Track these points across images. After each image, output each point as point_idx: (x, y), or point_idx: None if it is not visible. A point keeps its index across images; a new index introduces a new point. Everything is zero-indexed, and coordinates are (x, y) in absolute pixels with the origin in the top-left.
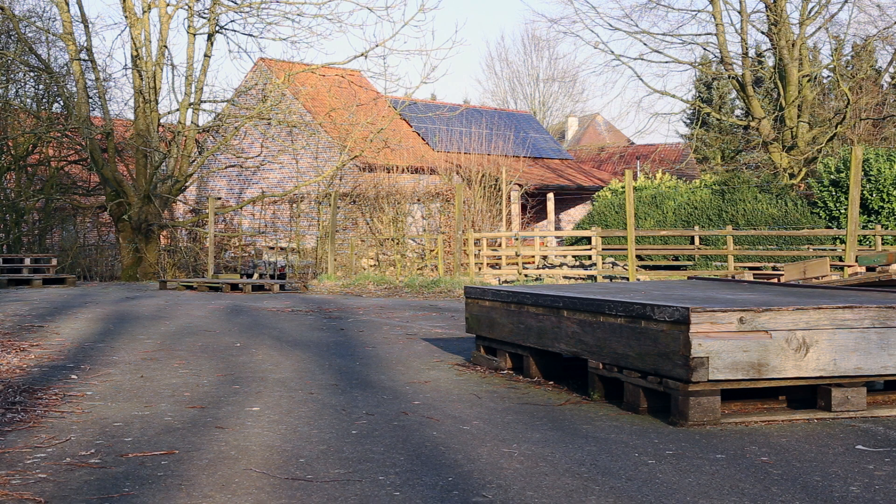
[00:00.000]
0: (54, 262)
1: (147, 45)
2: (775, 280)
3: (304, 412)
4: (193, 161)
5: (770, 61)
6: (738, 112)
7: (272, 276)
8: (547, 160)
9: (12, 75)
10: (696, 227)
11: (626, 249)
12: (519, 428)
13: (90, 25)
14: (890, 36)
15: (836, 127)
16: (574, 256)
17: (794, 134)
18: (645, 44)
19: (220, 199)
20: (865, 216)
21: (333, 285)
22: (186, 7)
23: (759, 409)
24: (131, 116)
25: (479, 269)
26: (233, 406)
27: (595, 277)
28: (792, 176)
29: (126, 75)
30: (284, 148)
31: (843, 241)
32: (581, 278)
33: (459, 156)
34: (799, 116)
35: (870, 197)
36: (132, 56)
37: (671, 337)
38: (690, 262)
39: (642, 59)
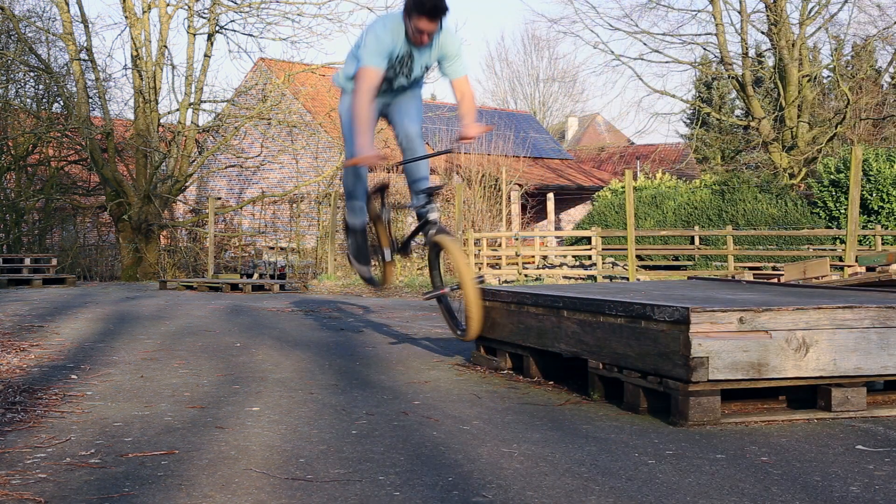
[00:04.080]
0: (54, 262)
1: (147, 46)
2: (775, 280)
3: (304, 412)
4: (193, 161)
5: (770, 61)
6: (738, 112)
7: (272, 276)
8: (547, 160)
9: (12, 75)
10: (696, 227)
11: (626, 249)
12: (519, 428)
13: (90, 25)
14: (890, 36)
15: (836, 127)
16: (574, 256)
17: (794, 134)
18: (645, 44)
19: (220, 199)
20: (865, 216)
21: (333, 285)
22: (186, 7)
23: (759, 409)
24: (131, 116)
25: (479, 269)
26: (233, 406)
27: (595, 277)
28: (792, 176)
29: (126, 75)
30: (284, 148)
31: (843, 241)
32: (581, 278)
33: (459, 156)
34: (799, 116)
35: (869, 197)
36: (132, 56)
37: (671, 337)
38: (690, 262)
39: (642, 59)
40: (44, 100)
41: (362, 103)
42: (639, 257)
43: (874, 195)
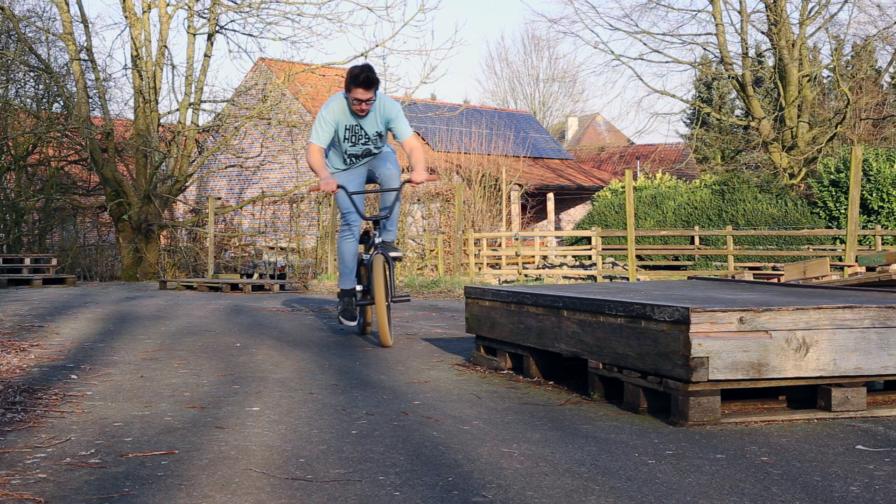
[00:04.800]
0: (54, 262)
1: (147, 45)
2: (775, 280)
3: (304, 412)
4: (193, 161)
5: (770, 61)
6: (738, 112)
7: (272, 276)
8: (547, 160)
9: (12, 75)
10: (696, 227)
11: (626, 249)
12: (519, 428)
13: (90, 25)
14: (890, 36)
15: (836, 127)
16: (574, 256)
17: (794, 134)
18: (645, 44)
19: (220, 199)
20: (865, 216)
21: (333, 285)
22: (186, 7)
23: (758, 409)
24: (131, 116)
25: (479, 269)
26: (233, 406)
27: (595, 277)
28: (792, 176)
29: (126, 75)
30: (284, 148)
31: (843, 241)
32: (581, 278)
33: (459, 156)
34: (799, 116)
35: (870, 197)
36: (132, 56)
37: (671, 337)
38: (690, 262)
39: (642, 59)
40: (44, 100)
41: (314, 162)
42: (639, 257)
43: (874, 195)
